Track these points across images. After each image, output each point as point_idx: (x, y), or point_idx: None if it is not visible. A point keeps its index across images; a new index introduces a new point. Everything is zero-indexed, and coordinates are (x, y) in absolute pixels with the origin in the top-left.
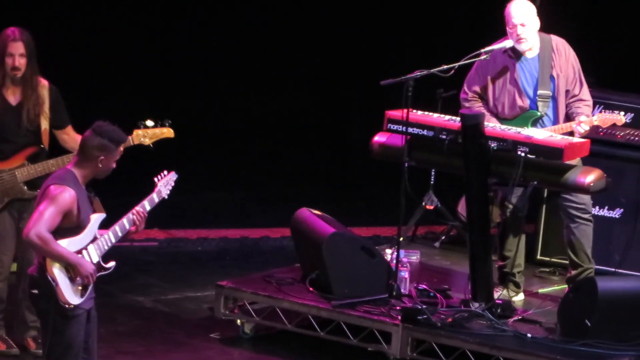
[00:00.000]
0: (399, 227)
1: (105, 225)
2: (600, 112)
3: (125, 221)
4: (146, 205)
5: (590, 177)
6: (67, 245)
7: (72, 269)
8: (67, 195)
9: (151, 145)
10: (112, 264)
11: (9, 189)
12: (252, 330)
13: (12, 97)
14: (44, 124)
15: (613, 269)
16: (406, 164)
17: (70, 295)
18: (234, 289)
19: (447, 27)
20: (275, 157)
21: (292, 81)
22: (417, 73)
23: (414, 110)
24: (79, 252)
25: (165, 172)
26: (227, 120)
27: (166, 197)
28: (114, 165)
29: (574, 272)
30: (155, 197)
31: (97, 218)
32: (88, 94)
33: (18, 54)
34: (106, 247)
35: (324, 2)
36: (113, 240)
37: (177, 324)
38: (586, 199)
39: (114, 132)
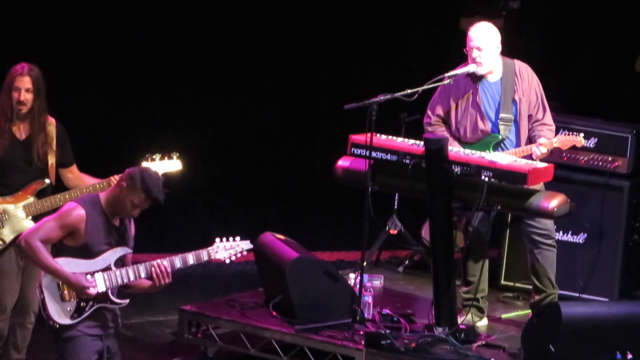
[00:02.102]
0: (362, 251)
1: None
2: (567, 134)
3: (141, 267)
4: (176, 262)
5: (554, 202)
6: (66, 263)
7: (65, 287)
8: (74, 213)
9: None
10: (124, 301)
11: (15, 224)
12: (216, 354)
13: (20, 132)
14: (51, 160)
15: (577, 294)
16: (370, 189)
17: (57, 313)
18: (198, 314)
19: (410, 51)
20: (239, 181)
21: (255, 105)
22: (381, 97)
23: (378, 135)
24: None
25: (238, 239)
26: (188, 143)
27: (226, 262)
28: (134, 212)
29: (537, 297)
30: (191, 257)
31: (117, 251)
32: (92, 131)
33: (24, 88)
34: (119, 282)
35: (286, 26)
36: (128, 278)
37: (140, 348)
38: (549, 224)
39: (154, 187)
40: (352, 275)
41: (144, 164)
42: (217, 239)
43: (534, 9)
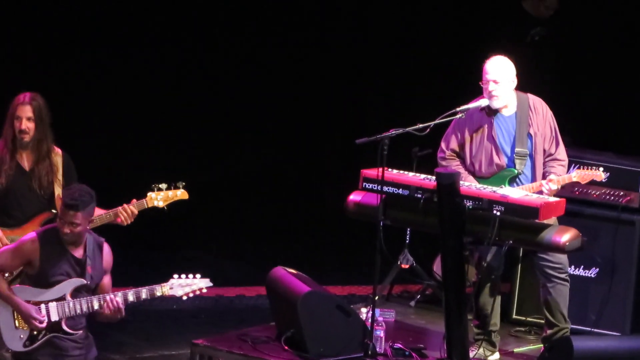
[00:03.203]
0: (374, 285)
1: None
2: (579, 168)
3: (94, 299)
4: (129, 296)
5: (566, 236)
6: (21, 291)
7: (17, 315)
8: (27, 244)
9: (165, 208)
10: (77, 332)
11: None
12: None
13: (25, 162)
14: (57, 190)
15: (589, 329)
16: (381, 223)
17: (9, 338)
18: (209, 348)
19: (422, 85)
20: (251, 215)
21: (267, 139)
22: (393, 132)
23: (389, 169)
24: (36, 303)
25: (198, 276)
26: (201, 179)
27: (183, 298)
28: (63, 228)
29: (549, 332)
30: (144, 292)
31: (72, 282)
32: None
33: (25, 117)
34: (72, 312)
35: (297, 59)
36: (82, 310)
37: None
38: (563, 258)
39: (67, 195)
40: (364, 310)
41: (151, 194)
42: (175, 275)
43: (545, 44)
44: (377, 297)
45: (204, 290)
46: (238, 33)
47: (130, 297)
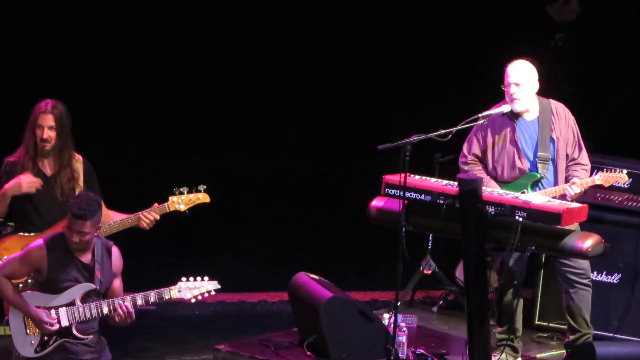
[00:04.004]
0: (396, 291)
1: None
2: (603, 171)
3: (104, 304)
4: (138, 300)
5: (588, 242)
6: (31, 297)
7: (28, 321)
8: (35, 252)
9: (187, 212)
10: (88, 336)
11: None
12: None
13: (47, 168)
14: None
15: (611, 334)
16: (404, 229)
17: (21, 345)
18: (232, 353)
19: (444, 91)
20: (273, 221)
21: (288, 145)
22: (415, 137)
23: (412, 175)
24: (46, 309)
25: (206, 279)
26: (223, 185)
27: (191, 301)
28: (72, 237)
29: (572, 337)
30: (152, 295)
31: (81, 286)
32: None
33: (47, 126)
34: (82, 317)
35: (321, 65)
36: (91, 315)
37: None
38: (585, 264)
39: (75, 204)
40: (386, 315)
41: (172, 198)
42: (183, 278)
43: (568, 49)
44: (399, 303)
45: (212, 293)
46: (261, 39)
47: (139, 301)
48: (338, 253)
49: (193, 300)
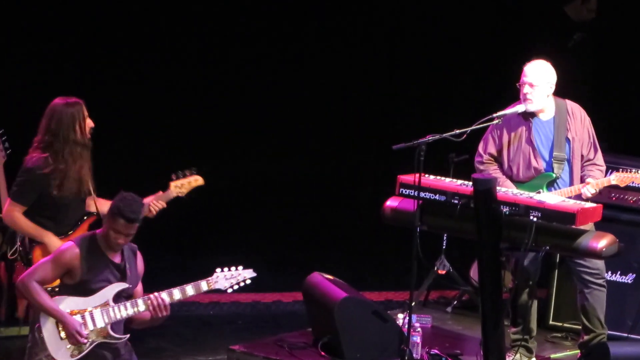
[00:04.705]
0: (410, 291)
1: None
2: (619, 171)
3: (139, 301)
4: (175, 294)
5: (603, 242)
6: (63, 302)
7: (61, 326)
8: (68, 253)
9: (185, 197)
10: (124, 336)
11: None
12: None
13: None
14: (93, 190)
15: (625, 334)
16: (418, 229)
17: (56, 350)
18: (246, 353)
19: (459, 91)
20: (288, 221)
21: (303, 145)
22: (429, 137)
23: (426, 175)
24: (80, 312)
25: (240, 268)
26: (237, 185)
27: (227, 291)
28: (118, 240)
29: (586, 337)
30: (190, 288)
31: (114, 286)
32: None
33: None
34: (118, 317)
35: (336, 65)
36: (127, 313)
37: None
38: (600, 264)
39: (125, 207)
40: (400, 315)
41: (173, 184)
42: (218, 269)
43: (584, 49)
44: (413, 303)
45: (248, 282)
46: (272, 38)
47: (177, 295)
48: (352, 253)
49: (230, 290)
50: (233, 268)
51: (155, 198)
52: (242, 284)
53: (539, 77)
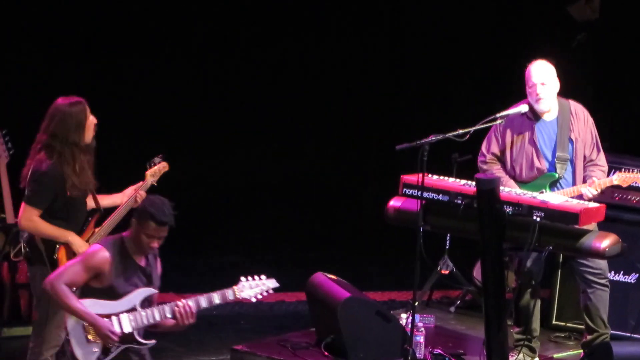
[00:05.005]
0: (414, 291)
1: None
2: (621, 171)
3: (167, 308)
4: (202, 302)
5: (606, 242)
6: (91, 305)
7: (90, 329)
8: (98, 256)
9: (155, 184)
10: (151, 341)
11: None
12: None
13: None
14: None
15: (628, 334)
16: (421, 229)
17: (82, 354)
18: (249, 353)
19: (462, 91)
20: (290, 221)
21: (306, 145)
22: (432, 137)
23: (429, 175)
24: (107, 316)
25: (263, 277)
26: (240, 185)
27: (252, 300)
28: (152, 243)
29: (589, 337)
30: (216, 297)
31: (141, 291)
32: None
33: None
34: (145, 322)
35: (339, 64)
36: (154, 319)
37: None
38: (603, 264)
39: (157, 211)
40: (403, 315)
41: (148, 173)
42: (243, 278)
43: (586, 50)
44: (417, 303)
45: (271, 291)
46: (274, 40)
47: (203, 303)
48: (356, 253)
49: (254, 300)
50: (257, 277)
51: (137, 189)
52: (265, 293)
53: (548, 75)
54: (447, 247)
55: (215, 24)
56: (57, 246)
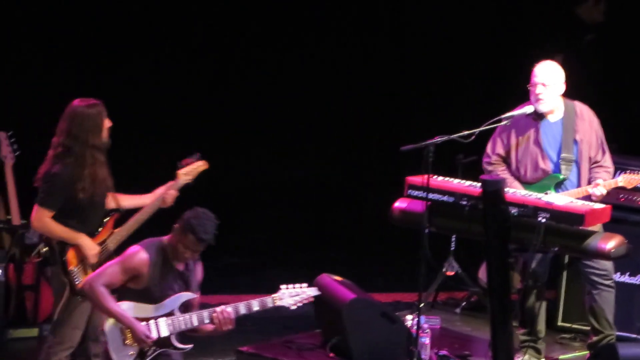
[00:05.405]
0: (419, 293)
1: None
2: (626, 172)
3: (205, 313)
4: (241, 308)
5: (611, 243)
6: (129, 308)
7: (127, 331)
8: (137, 257)
9: (192, 183)
10: (188, 346)
11: (103, 261)
12: None
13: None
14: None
15: (634, 335)
16: (426, 230)
17: (118, 355)
18: (255, 355)
19: (467, 92)
20: (296, 222)
21: (310, 147)
22: (438, 139)
23: (434, 176)
24: (145, 320)
25: (305, 285)
26: (243, 185)
27: (291, 308)
28: (186, 254)
29: (595, 338)
30: (255, 304)
31: (180, 296)
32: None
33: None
34: (182, 327)
35: (342, 67)
36: (192, 324)
37: None
38: (608, 265)
39: (199, 226)
40: (409, 317)
41: (180, 172)
42: (283, 286)
43: (593, 51)
44: (422, 304)
45: (312, 299)
46: (279, 43)
47: (242, 310)
48: (361, 254)
49: (293, 307)
50: (297, 285)
51: (167, 188)
52: (305, 302)
53: (551, 76)
54: (452, 248)
55: (220, 24)
56: (67, 247)
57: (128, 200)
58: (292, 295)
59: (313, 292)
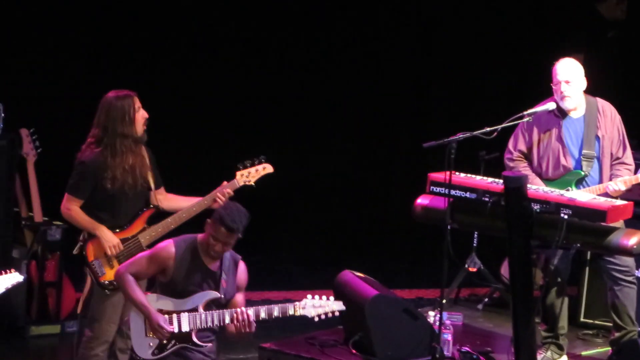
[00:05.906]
0: (441, 289)
1: None
2: None
3: (226, 313)
4: (261, 313)
5: (634, 239)
6: (155, 299)
7: (148, 323)
8: (164, 251)
9: (254, 185)
10: (207, 344)
11: (131, 255)
12: None
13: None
14: (152, 183)
15: None
16: (449, 227)
17: (138, 345)
18: (277, 352)
19: (490, 88)
20: (319, 219)
21: (333, 144)
22: (460, 135)
23: (457, 173)
24: (169, 313)
25: (331, 299)
26: (268, 183)
27: (314, 319)
28: (215, 247)
29: (617, 334)
30: (276, 309)
31: (205, 294)
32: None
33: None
34: (203, 325)
35: (365, 63)
36: (212, 323)
37: None
38: (630, 261)
39: (227, 215)
40: (431, 313)
41: (239, 173)
42: (309, 296)
43: (615, 47)
44: (444, 301)
45: (336, 314)
46: (305, 41)
47: (262, 314)
48: (383, 251)
49: (316, 319)
50: (324, 297)
51: (220, 189)
52: (329, 315)
53: (573, 73)
54: (474, 244)
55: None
56: (88, 240)
57: (186, 202)
58: (316, 306)
59: (338, 306)
